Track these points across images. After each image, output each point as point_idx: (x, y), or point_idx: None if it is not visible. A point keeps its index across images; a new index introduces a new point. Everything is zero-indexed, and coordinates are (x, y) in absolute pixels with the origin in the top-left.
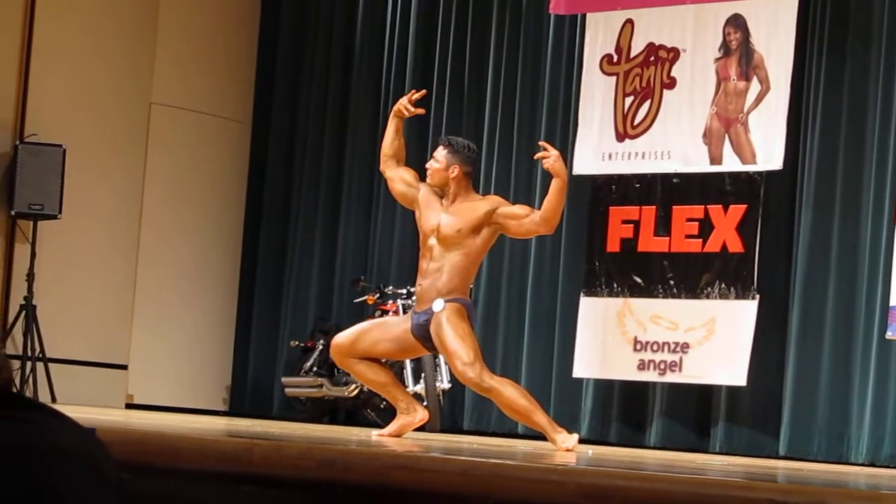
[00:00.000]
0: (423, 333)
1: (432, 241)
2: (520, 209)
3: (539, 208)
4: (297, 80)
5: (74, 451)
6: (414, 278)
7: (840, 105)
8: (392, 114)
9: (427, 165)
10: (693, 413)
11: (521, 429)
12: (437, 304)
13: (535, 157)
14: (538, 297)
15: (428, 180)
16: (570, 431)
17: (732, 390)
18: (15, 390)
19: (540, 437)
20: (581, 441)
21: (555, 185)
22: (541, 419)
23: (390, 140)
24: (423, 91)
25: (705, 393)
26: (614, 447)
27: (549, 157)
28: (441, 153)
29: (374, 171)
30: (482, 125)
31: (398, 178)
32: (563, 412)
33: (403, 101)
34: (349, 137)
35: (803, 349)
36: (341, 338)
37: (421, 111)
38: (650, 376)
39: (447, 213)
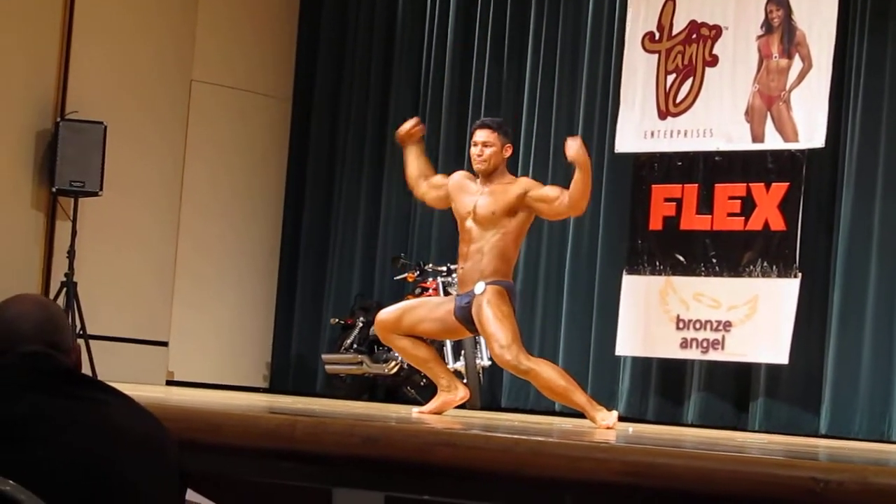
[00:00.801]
0: (465, 316)
1: (469, 223)
2: (550, 191)
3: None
4: (339, 55)
5: (138, 432)
6: (453, 256)
7: (882, 83)
8: (400, 142)
9: (476, 153)
10: (731, 390)
11: (558, 406)
12: (479, 287)
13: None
14: (576, 275)
15: (482, 167)
16: (608, 409)
17: (772, 368)
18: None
19: (579, 414)
20: (619, 418)
21: (577, 173)
22: (580, 398)
23: (412, 165)
24: (417, 118)
25: (744, 370)
26: (652, 424)
27: (572, 146)
28: (491, 136)
29: None
30: (521, 102)
31: (429, 193)
32: (601, 390)
33: (404, 130)
34: (391, 112)
35: (845, 327)
36: (386, 313)
37: (423, 132)
38: (693, 354)
39: (483, 195)
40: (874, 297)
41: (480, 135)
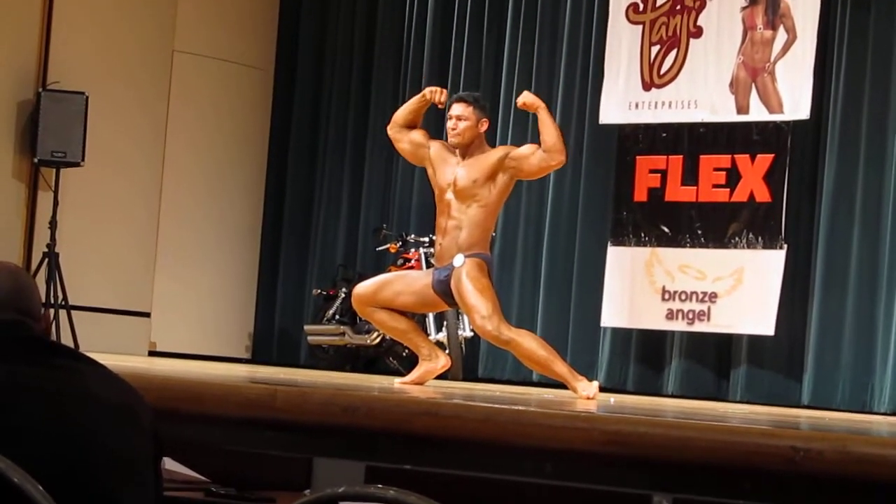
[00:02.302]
0: (444, 289)
1: (449, 195)
2: (527, 148)
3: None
4: (322, 25)
5: (113, 400)
6: (433, 227)
7: (865, 54)
8: (421, 94)
9: (451, 126)
10: (713, 361)
11: (536, 377)
12: (458, 260)
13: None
14: (555, 246)
15: (455, 140)
16: (589, 379)
17: (754, 338)
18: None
19: (558, 384)
20: (599, 389)
21: (539, 117)
22: (561, 368)
23: (408, 111)
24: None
25: (725, 340)
26: (633, 395)
27: (522, 95)
28: (466, 110)
29: None
30: (500, 73)
31: (405, 139)
32: (581, 360)
33: (435, 94)
34: (373, 83)
35: (827, 298)
36: (363, 287)
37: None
38: (679, 326)
39: (462, 167)
40: (856, 268)
41: (456, 108)
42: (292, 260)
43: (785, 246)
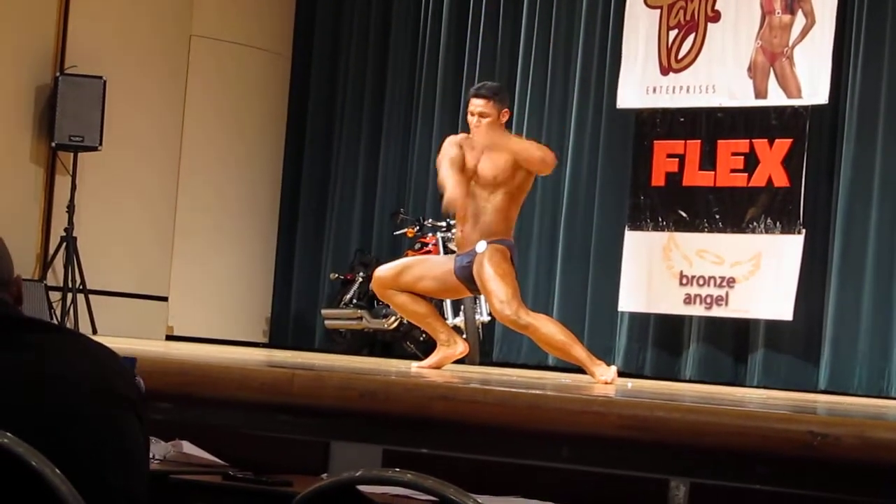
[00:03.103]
0: (465, 275)
1: (472, 184)
2: (536, 152)
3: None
4: (338, 10)
5: (87, 373)
6: (449, 212)
7: (883, 38)
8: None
9: (475, 123)
10: (730, 346)
11: (552, 361)
12: (480, 246)
13: None
14: (572, 230)
15: (481, 137)
16: (607, 364)
17: (771, 323)
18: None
19: (574, 368)
20: (617, 374)
21: (511, 151)
22: (579, 353)
23: (461, 184)
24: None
25: (742, 325)
26: (650, 380)
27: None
28: (487, 106)
29: (413, 102)
30: (516, 58)
31: (459, 164)
32: (598, 345)
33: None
34: (389, 68)
35: (845, 283)
36: (384, 270)
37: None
38: (696, 311)
39: (485, 156)
40: (874, 253)
41: (476, 105)
42: (309, 244)
43: (803, 231)
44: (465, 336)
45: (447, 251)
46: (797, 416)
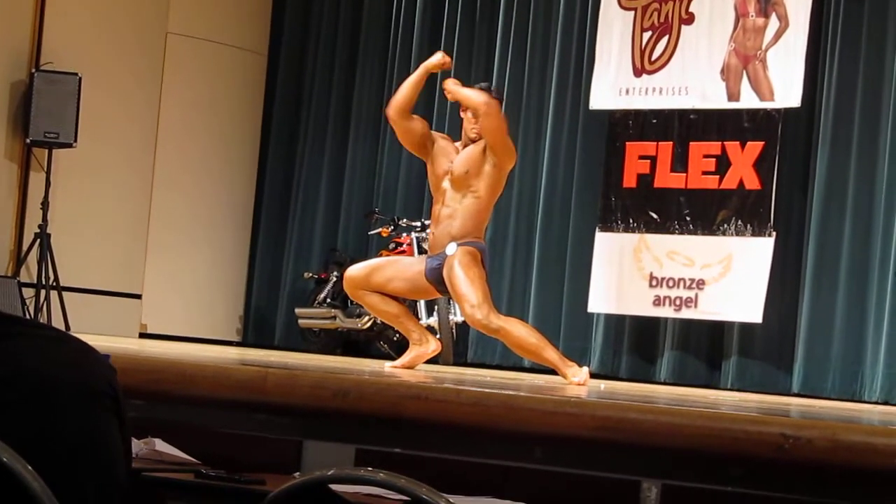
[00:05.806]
0: (436, 277)
1: (445, 184)
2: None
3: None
4: (308, 9)
5: (59, 372)
6: (418, 211)
7: (858, 42)
8: (423, 66)
9: (470, 127)
10: (704, 349)
11: (526, 362)
12: (451, 248)
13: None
14: (548, 232)
15: (476, 137)
16: (580, 366)
17: (745, 326)
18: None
19: (550, 371)
20: (591, 375)
21: (457, 98)
22: (551, 355)
23: (412, 90)
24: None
25: (717, 329)
26: (625, 382)
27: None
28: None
29: (383, 102)
30: (492, 58)
31: (409, 126)
32: (573, 347)
33: (436, 65)
34: (359, 68)
35: (818, 286)
36: (355, 270)
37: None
38: (666, 312)
39: (459, 157)
40: (848, 257)
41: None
42: (282, 243)
43: (774, 234)
44: (438, 336)
45: (421, 251)
46: (769, 419)
